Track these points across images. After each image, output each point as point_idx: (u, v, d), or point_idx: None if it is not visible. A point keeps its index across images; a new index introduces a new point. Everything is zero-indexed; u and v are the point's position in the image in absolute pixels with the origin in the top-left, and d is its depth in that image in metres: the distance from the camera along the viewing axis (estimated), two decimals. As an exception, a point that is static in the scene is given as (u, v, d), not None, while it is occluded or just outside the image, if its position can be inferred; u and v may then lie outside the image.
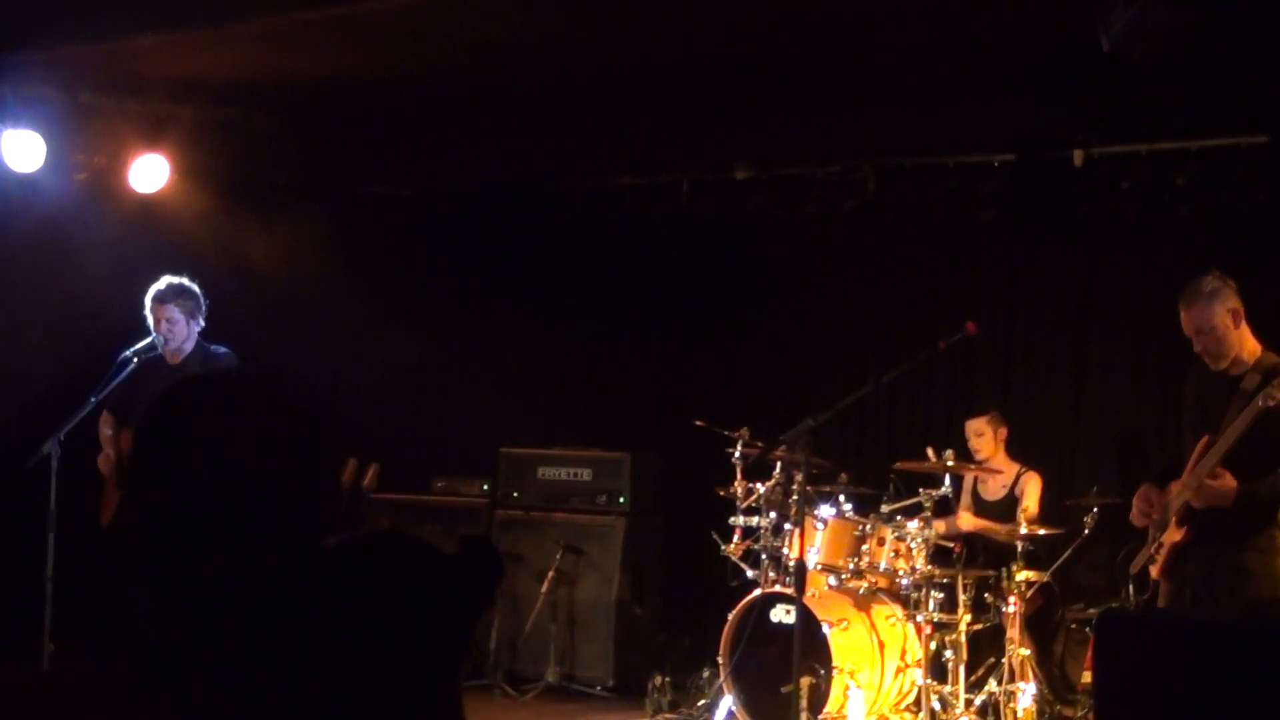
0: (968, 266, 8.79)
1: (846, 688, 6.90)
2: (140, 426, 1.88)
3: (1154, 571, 5.75)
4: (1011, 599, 7.06)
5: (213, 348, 7.13)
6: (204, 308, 7.10)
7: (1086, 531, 7.17)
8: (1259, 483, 5.42)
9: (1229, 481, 5.39)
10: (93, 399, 6.91)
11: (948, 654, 7.09)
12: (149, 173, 8.29)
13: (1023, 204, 8.27)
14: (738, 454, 7.56)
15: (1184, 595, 5.58)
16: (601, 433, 9.07)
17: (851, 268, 9.09)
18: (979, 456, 7.76)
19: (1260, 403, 5.29)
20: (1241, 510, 5.42)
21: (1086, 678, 7.15)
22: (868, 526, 7.28)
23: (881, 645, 7.10)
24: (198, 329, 7.09)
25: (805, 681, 6.71)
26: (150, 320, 7.00)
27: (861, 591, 7.37)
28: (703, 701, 7.50)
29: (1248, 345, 5.58)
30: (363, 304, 9.36)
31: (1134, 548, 6.03)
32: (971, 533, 7.76)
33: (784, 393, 8.97)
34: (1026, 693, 6.99)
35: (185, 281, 7.06)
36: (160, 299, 6.99)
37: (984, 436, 7.80)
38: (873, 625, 7.15)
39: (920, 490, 7.27)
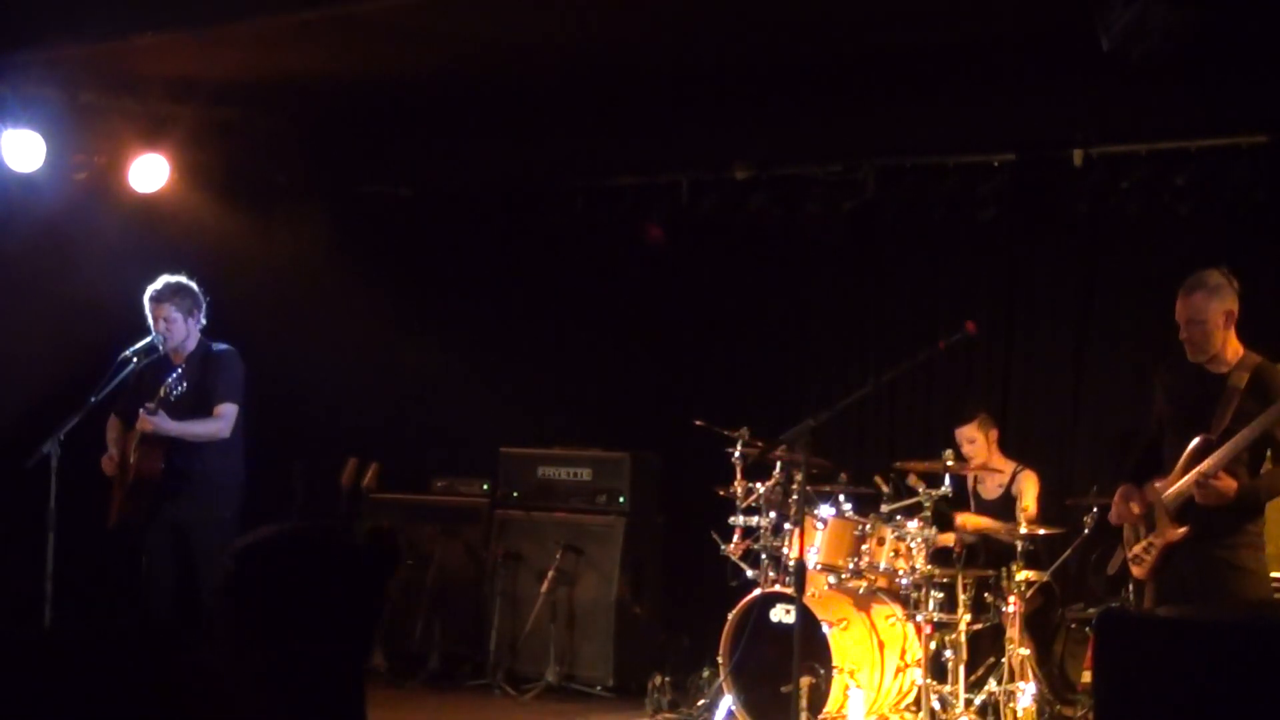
0: (968, 266, 8.78)
1: (846, 688, 6.89)
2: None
3: (1138, 572, 5.74)
4: (1011, 599, 7.06)
5: (215, 346, 7.13)
6: (203, 305, 7.09)
7: (1086, 531, 7.17)
8: (1258, 480, 5.45)
9: (1230, 481, 5.40)
10: (92, 399, 6.92)
11: (948, 654, 7.08)
12: (149, 173, 8.29)
13: (1023, 204, 8.26)
14: (738, 454, 7.57)
15: (1174, 593, 5.58)
16: (601, 433, 9.07)
17: (851, 268, 9.09)
18: (974, 462, 7.75)
19: None
20: (1239, 507, 5.43)
21: (1086, 678, 7.16)
22: (868, 526, 7.28)
23: (881, 645, 7.10)
24: (198, 327, 7.09)
25: (805, 681, 6.71)
26: (150, 320, 7.00)
27: (861, 591, 7.37)
28: (703, 701, 7.50)
29: (1231, 345, 5.61)
30: (363, 304, 9.36)
31: (1107, 550, 6.04)
32: (973, 533, 7.76)
33: (784, 393, 8.97)
34: (1026, 693, 6.98)
35: (182, 280, 7.05)
36: (157, 298, 6.99)
37: (976, 443, 7.78)
38: (873, 625, 7.14)
39: (920, 490, 7.27)
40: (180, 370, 6.84)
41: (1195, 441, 5.55)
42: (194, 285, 7.07)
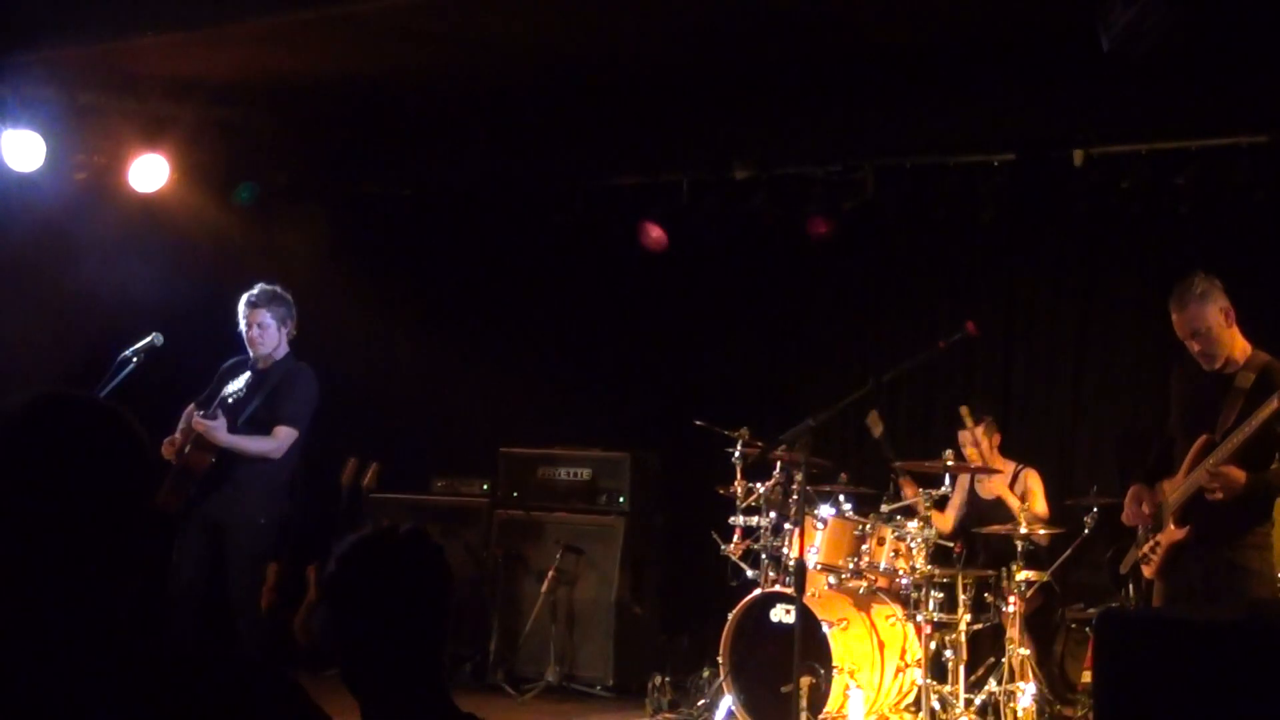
0: (968, 266, 8.79)
1: (846, 688, 6.89)
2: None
3: (1148, 571, 5.75)
4: (1011, 599, 7.06)
5: (300, 365, 7.04)
6: (295, 317, 7.05)
7: (1086, 531, 7.17)
8: (1266, 474, 5.43)
9: (1239, 472, 5.38)
10: (92, 398, 6.89)
11: (948, 654, 7.08)
12: (149, 173, 8.29)
13: (1023, 204, 8.26)
14: (738, 454, 7.56)
15: (1182, 594, 5.58)
16: (601, 433, 9.07)
17: (851, 268, 9.09)
18: (975, 463, 7.75)
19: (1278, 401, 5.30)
20: (1245, 504, 5.42)
21: (1086, 678, 7.16)
22: (868, 526, 7.28)
23: (881, 645, 7.10)
24: (288, 338, 7.05)
25: (805, 681, 6.71)
26: (242, 325, 6.93)
27: (861, 591, 7.36)
28: (703, 701, 7.50)
29: (1238, 344, 5.60)
30: (363, 304, 9.37)
31: (1122, 548, 6.04)
32: (974, 531, 7.76)
33: (784, 393, 8.97)
34: (1026, 693, 6.98)
35: (279, 289, 7.01)
36: (254, 303, 6.92)
37: (979, 445, 7.79)
38: (873, 625, 7.14)
39: (920, 490, 7.27)
40: (247, 379, 6.81)
41: (1199, 441, 5.55)
42: (289, 296, 7.02)
